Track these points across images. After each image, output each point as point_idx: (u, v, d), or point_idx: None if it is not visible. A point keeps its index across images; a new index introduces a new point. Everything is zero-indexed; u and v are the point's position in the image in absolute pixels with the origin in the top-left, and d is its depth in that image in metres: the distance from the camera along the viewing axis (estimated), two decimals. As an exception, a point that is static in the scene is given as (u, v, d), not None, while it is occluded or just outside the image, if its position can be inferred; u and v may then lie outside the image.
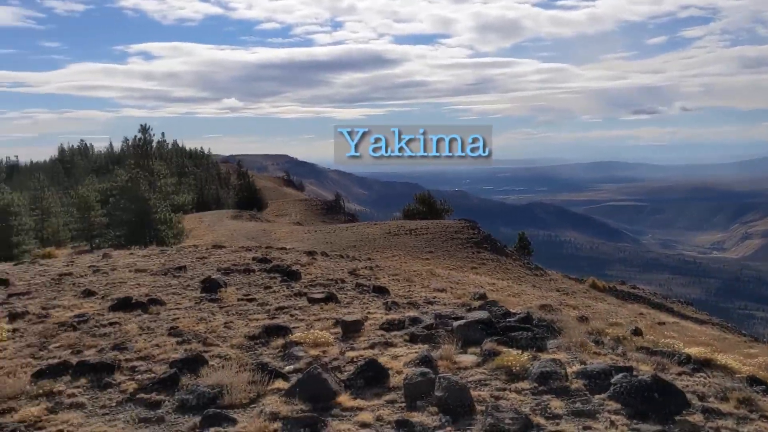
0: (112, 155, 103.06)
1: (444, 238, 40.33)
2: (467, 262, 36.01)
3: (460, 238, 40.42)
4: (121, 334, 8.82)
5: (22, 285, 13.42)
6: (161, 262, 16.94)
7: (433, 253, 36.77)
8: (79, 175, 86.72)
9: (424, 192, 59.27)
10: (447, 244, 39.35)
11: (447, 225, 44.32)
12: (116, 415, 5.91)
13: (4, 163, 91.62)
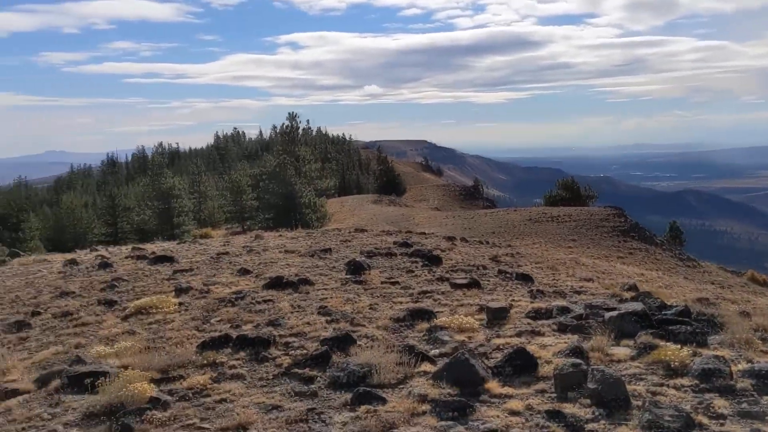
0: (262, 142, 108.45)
1: (588, 226, 38.89)
2: (613, 251, 34.53)
3: (605, 226, 38.81)
4: (274, 311, 9.27)
5: (185, 262, 14.45)
6: (308, 244, 17.61)
7: (577, 242, 35.59)
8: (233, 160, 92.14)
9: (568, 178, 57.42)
10: (592, 232, 37.93)
11: (592, 212, 42.70)
12: (273, 388, 6.21)
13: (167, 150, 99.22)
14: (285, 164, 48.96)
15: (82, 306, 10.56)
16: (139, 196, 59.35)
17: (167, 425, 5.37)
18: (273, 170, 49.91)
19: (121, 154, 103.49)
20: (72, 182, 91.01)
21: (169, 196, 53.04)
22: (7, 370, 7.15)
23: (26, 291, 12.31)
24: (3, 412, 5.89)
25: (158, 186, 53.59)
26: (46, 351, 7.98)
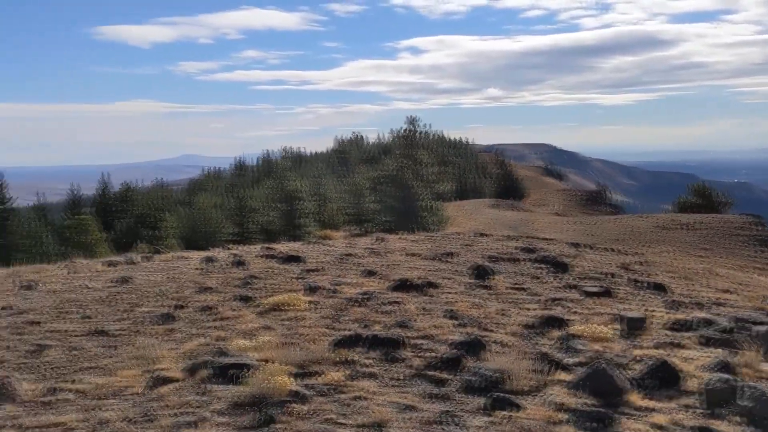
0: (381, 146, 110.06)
1: (723, 235, 36.64)
2: (751, 261, 32.34)
3: (742, 235, 36.42)
4: (402, 312, 9.40)
5: (313, 262, 14.93)
6: (430, 247, 17.70)
7: (710, 251, 33.59)
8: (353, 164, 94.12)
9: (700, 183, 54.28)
10: (726, 240, 35.71)
11: (727, 220, 40.20)
12: (406, 388, 6.31)
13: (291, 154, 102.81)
14: (404, 168, 49.46)
15: (220, 301, 11.16)
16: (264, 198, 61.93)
17: (307, 418, 5.57)
18: (392, 173, 50.57)
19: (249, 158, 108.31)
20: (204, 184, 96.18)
21: (292, 198, 54.99)
22: (158, 359, 7.68)
23: (169, 285, 13.15)
24: (157, 397, 6.33)
25: (283, 188, 55.71)
26: (191, 342, 8.50)
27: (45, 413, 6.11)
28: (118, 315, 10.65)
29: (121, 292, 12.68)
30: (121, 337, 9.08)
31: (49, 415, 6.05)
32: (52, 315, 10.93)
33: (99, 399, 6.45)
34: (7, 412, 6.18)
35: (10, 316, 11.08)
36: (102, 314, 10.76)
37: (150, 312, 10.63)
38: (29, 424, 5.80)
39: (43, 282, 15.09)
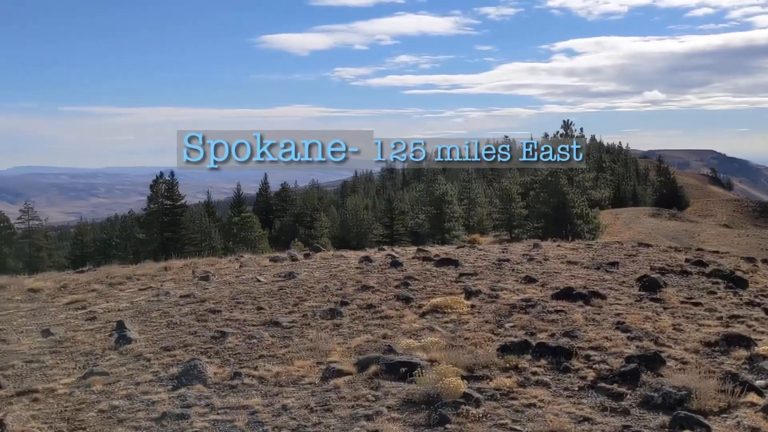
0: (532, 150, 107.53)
1: None
2: None
3: None
4: (568, 322, 9.14)
5: (469, 266, 14.90)
6: (590, 256, 17.08)
7: None
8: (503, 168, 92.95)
9: None
10: None
11: None
12: (581, 399, 6.13)
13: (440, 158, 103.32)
14: (557, 173, 48.16)
15: (382, 300, 11.44)
16: (413, 201, 62.84)
17: (481, 421, 5.58)
18: (545, 179, 49.40)
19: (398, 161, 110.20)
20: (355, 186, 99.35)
21: (441, 202, 55.28)
22: (329, 352, 8.01)
23: (332, 283, 13.67)
24: (333, 389, 6.60)
25: (432, 192, 56.18)
26: (358, 338, 8.78)
27: (232, 395, 6.56)
28: (288, 308, 11.22)
29: (288, 287, 13.34)
30: (293, 329, 9.55)
31: (236, 397, 6.49)
32: (229, 305, 11.73)
33: (278, 386, 6.83)
34: (199, 391, 6.71)
35: (191, 304, 12.02)
36: (273, 306, 11.39)
37: (316, 307, 11.11)
38: (219, 405, 6.26)
39: (217, 274, 16.23)
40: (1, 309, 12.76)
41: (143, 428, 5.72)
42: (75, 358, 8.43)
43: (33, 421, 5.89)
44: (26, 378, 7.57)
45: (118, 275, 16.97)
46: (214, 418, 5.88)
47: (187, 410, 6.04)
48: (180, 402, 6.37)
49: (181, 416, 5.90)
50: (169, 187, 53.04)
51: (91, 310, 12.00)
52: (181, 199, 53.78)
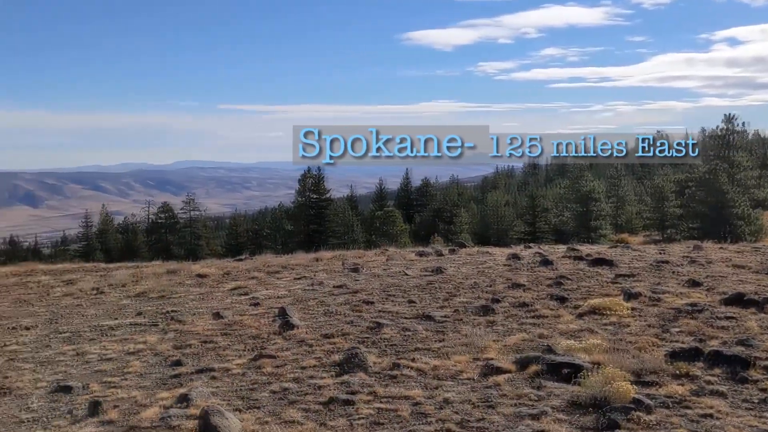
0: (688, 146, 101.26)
1: None
2: None
3: None
4: (741, 329, 8.54)
5: (624, 267, 14.28)
6: (758, 260, 15.81)
7: None
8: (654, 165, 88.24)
9: None
10: None
11: None
12: (762, 412, 5.71)
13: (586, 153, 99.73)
14: (717, 170, 44.96)
15: (534, 299, 11.24)
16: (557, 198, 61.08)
17: (653, 429, 5.34)
18: (702, 176, 46.26)
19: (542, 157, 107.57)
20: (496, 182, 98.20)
21: (587, 200, 53.30)
22: (485, 349, 7.99)
23: (481, 279, 13.61)
24: (493, 386, 6.59)
25: (577, 189, 54.31)
26: (513, 336, 8.69)
27: (393, 385, 6.72)
28: (439, 303, 11.31)
29: (436, 281, 13.46)
30: (446, 324, 9.62)
31: (397, 387, 6.64)
32: (381, 297, 12.02)
33: (437, 379, 6.91)
34: (361, 379, 6.93)
35: (345, 294, 12.44)
36: (424, 300, 11.53)
37: (467, 303, 11.12)
38: (381, 393, 6.43)
39: (365, 266, 16.67)
40: (175, 292, 13.85)
41: (312, 411, 5.99)
42: (244, 341, 8.99)
43: (213, 398, 6.34)
44: (203, 357, 8.17)
45: (274, 264, 17.89)
46: (378, 406, 6.05)
47: (353, 397, 6.26)
48: (345, 388, 6.61)
49: (347, 402, 6.12)
50: (316, 182, 55.14)
51: (254, 296, 12.73)
52: (326, 193, 55.77)
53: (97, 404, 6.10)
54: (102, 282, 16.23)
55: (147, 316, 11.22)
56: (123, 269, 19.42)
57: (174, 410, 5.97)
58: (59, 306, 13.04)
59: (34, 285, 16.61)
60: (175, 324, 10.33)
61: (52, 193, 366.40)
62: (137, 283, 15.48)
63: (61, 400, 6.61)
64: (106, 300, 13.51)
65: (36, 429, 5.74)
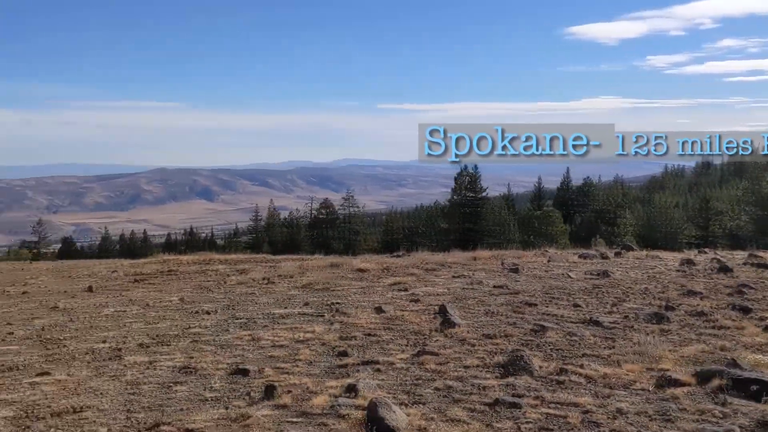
0: None
1: None
2: None
3: None
4: None
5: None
6: None
7: None
8: None
9: None
10: None
11: None
12: None
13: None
14: None
15: (713, 308, 10.43)
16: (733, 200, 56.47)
17: None
18: None
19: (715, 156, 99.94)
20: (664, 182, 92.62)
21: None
22: (659, 358, 7.50)
23: (652, 285, 12.86)
24: (671, 398, 6.16)
25: (757, 191, 49.87)
26: (691, 347, 8.10)
27: (560, 391, 6.48)
28: (606, 308, 10.81)
29: (603, 285, 12.88)
30: (615, 330, 9.16)
31: (565, 393, 6.40)
32: (543, 299, 11.70)
33: (608, 388, 6.58)
34: (526, 383, 6.76)
35: (505, 295, 12.25)
36: (590, 305, 11.07)
37: (637, 309, 10.53)
38: (548, 398, 6.22)
39: (525, 266, 16.33)
40: (338, 285, 14.35)
41: (477, 411, 5.92)
42: (406, 336, 9.10)
43: (379, 390, 6.45)
44: (368, 349, 8.36)
45: (431, 262, 18.03)
46: (545, 411, 5.86)
47: (519, 400, 6.11)
48: (510, 391, 6.48)
49: (513, 405, 5.99)
50: (472, 180, 54.94)
51: (413, 292, 12.88)
52: (482, 192, 55.38)
53: (272, 388, 6.42)
54: (271, 272, 17.19)
55: (313, 307, 11.70)
56: (289, 261, 20.49)
57: (342, 399, 6.15)
58: (234, 293, 13.97)
59: (212, 273, 17.93)
60: (339, 316, 10.69)
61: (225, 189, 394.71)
62: (303, 275, 16.24)
63: (239, 381, 7.03)
64: (276, 290, 14.28)
65: (218, 407, 6.14)
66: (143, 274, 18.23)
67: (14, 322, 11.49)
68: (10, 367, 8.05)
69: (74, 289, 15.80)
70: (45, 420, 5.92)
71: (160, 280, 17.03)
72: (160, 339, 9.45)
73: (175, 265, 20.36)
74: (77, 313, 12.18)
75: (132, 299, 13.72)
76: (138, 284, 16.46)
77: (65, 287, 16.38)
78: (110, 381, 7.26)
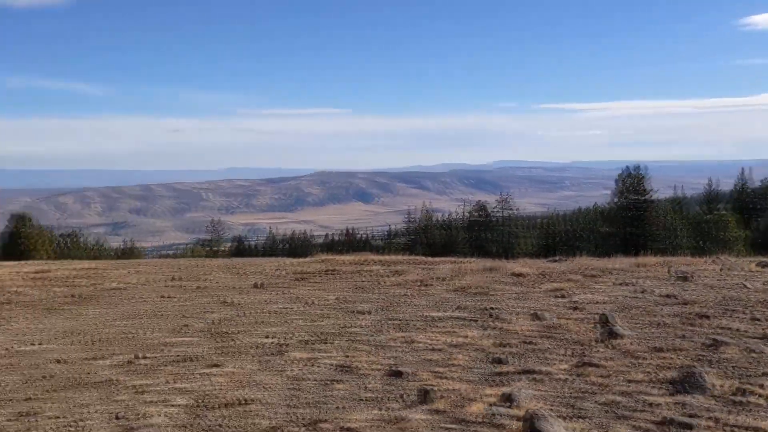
0: None
1: None
2: None
3: None
4: None
5: None
6: None
7: None
8: None
9: None
10: None
11: None
12: None
13: None
14: None
15: None
16: None
17: None
18: None
19: None
20: None
21: None
22: None
23: None
24: None
25: None
26: None
27: (738, 413, 5.92)
28: (793, 323, 9.77)
29: (788, 298, 11.67)
30: (805, 349, 8.24)
31: (744, 416, 5.83)
32: (717, 310, 10.80)
33: (798, 413, 5.92)
34: (700, 402, 6.24)
35: (675, 305, 11.44)
36: (773, 319, 10.06)
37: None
38: (726, 421, 5.70)
39: (695, 275, 15.19)
40: (493, 289, 14.15)
41: (645, 430, 5.55)
42: (566, 346, 8.75)
43: (537, 401, 6.24)
44: (525, 357, 8.14)
45: (592, 267, 17.31)
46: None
47: (692, 420, 5.65)
48: (681, 410, 6.01)
49: (686, 426, 5.54)
50: (636, 182, 52.05)
51: (573, 299, 12.40)
52: (647, 194, 52.28)
53: (427, 392, 6.41)
54: (426, 275, 17.30)
55: (468, 311, 11.61)
56: (445, 264, 20.51)
57: (499, 408, 6.01)
58: (390, 294, 14.21)
59: (369, 273, 18.36)
60: (495, 321, 10.51)
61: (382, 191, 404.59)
62: (458, 278, 16.18)
63: (394, 383, 7.10)
64: (431, 292, 14.34)
65: (374, 408, 6.23)
66: (306, 273, 19.05)
67: (190, 315, 12.44)
68: (185, 358, 8.71)
69: (244, 286, 16.83)
70: (216, 410, 6.32)
71: (321, 279, 17.71)
72: (320, 337, 9.79)
73: (335, 264, 21.07)
74: (246, 308, 12.95)
75: (295, 297, 14.37)
76: (301, 282, 17.22)
77: (236, 283, 17.49)
78: (274, 375, 7.62)
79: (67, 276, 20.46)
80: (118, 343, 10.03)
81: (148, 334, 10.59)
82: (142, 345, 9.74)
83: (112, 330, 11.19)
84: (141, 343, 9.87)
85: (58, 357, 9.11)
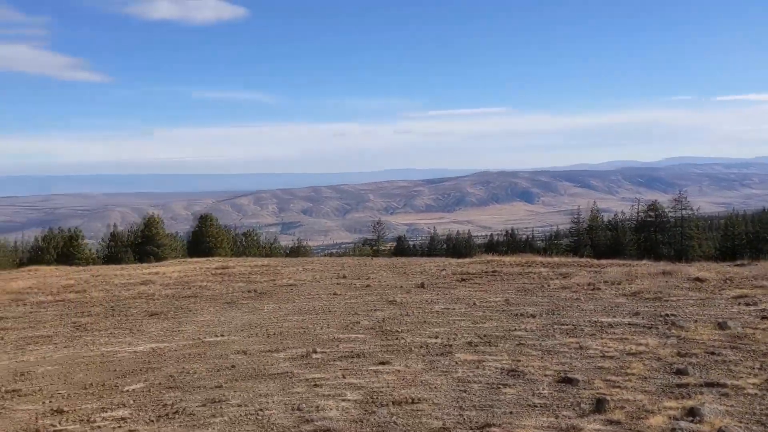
0: None
1: None
2: None
3: None
4: None
5: None
6: None
7: None
8: None
9: None
10: None
11: None
12: None
13: None
14: None
15: None
16: None
17: None
18: None
19: None
20: None
21: None
22: None
23: None
24: None
25: None
26: None
27: None
28: None
29: None
30: None
31: None
32: None
33: None
34: None
35: None
36: None
37: None
38: None
39: None
40: (671, 294, 13.27)
41: None
42: (755, 358, 7.99)
43: (727, 417, 5.74)
44: (710, 369, 7.52)
45: (786, 273, 15.71)
46: None
47: None
48: None
49: None
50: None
51: (762, 308, 11.33)
52: None
53: (603, 402, 6.11)
54: (595, 278, 16.59)
55: (644, 317, 10.96)
56: (615, 266, 19.55)
57: (683, 423, 5.59)
58: (557, 298, 13.77)
59: (534, 276, 17.94)
60: (674, 329, 9.83)
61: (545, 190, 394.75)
62: (631, 282, 15.35)
63: (567, 390, 6.84)
64: (601, 296, 13.72)
65: (546, 415, 6.03)
66: (468, 274, 18.99)
67: (359, 312, 12.83)
68: (356, 354, 8.98)
69: (408, 285, 17.10)
70: (386, 407, 6.44)
71: (484, 280, 17.56)
72: (486, 339, 9.69)
73: (498, 265, 20.83)
74: (411, 307, 13.13)
75: (458, 297, 14.36)
76: (463, 283, 17.19)
77: (400, 282, 17.82)
78: (442, 376, 7.63)
79: (245, 272, 21.96)
80: (293, 337, 10.56)
81: (320, 330, 11.05)
82: (315, 339, 10.18)
83: (287, 324, 11.82)
84: (314, 338, 10.33)
85: (240, 348, 9.76)
